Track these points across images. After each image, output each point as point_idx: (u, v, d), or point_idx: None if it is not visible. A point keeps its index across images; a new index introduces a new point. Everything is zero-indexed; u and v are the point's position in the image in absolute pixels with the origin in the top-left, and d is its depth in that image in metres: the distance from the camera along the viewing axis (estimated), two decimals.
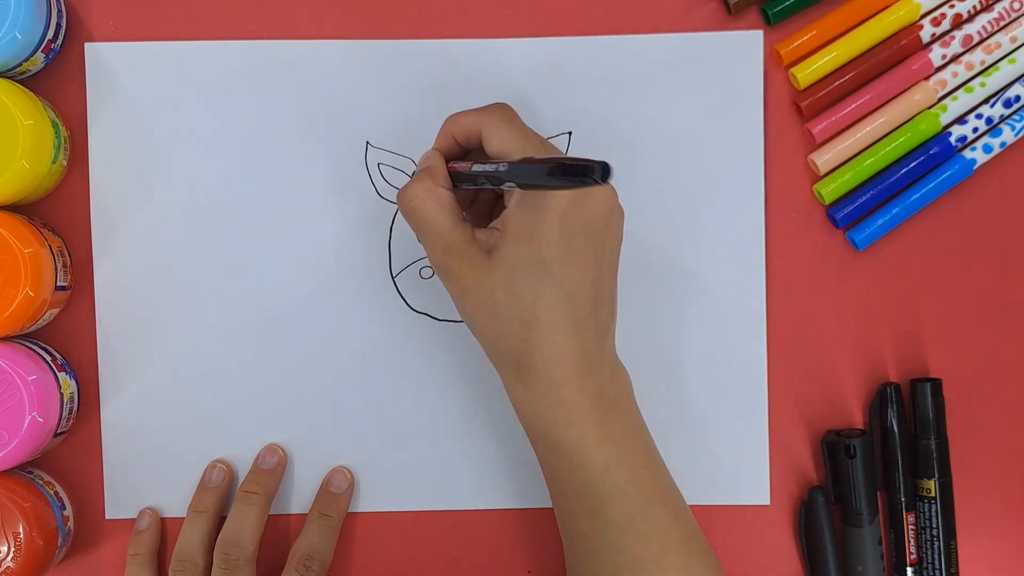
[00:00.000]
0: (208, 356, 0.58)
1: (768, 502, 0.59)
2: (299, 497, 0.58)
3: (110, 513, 0.58)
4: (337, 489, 0.57)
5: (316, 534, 0.56)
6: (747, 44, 0.58)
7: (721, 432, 0.58)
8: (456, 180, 0.51)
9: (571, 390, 0.49)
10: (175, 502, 0.58)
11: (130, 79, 0.57)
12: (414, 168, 0.58)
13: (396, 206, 0.58)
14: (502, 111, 0.51)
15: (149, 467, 0.58)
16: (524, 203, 0.50)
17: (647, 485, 0.50)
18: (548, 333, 0.49)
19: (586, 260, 0.49)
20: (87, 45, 0.57)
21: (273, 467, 0.57)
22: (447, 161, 0.52)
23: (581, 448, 0.50)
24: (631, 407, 0.52)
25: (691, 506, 0.53)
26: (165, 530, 0.58)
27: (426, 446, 0.58)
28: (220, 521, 0.57)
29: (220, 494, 0.57)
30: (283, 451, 0.58)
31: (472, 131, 0.51)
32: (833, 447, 0.57)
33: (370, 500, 0.58)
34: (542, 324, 0.49)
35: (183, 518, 0.57)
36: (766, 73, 0.58)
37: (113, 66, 0.57)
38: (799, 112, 0.59)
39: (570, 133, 0.58)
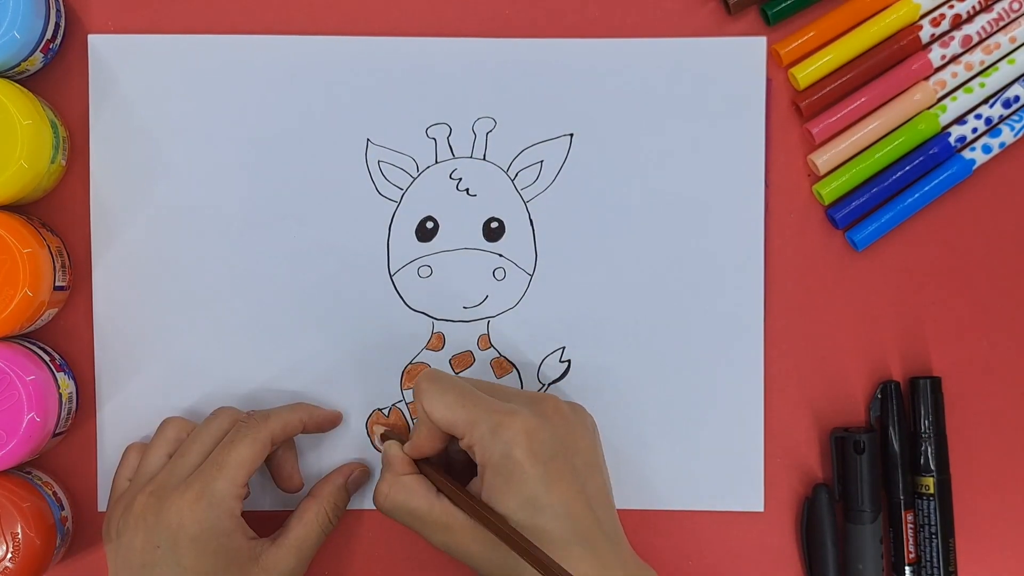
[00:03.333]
0: (206, 355, 0.58)
1: (762, 508, 0.59)
2: (297, 494, 0.58)
3: (103, 507, 0.57)
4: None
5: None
6: (750, 50, 0.58)
7: (716, 436, 0.58)
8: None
9: None
10: None
11: (131, 72, 0.57)
12: (414, 166, 0.58)
13: (396, 203, 0.58)
14: (428, 376, 0.52)
15: None
16: (488, 457, 0.50)
17: None
18: (562, 560, 0.48)
19: (565, 476, 0.50)
20: (90, 37, 0.57)
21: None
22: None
23: None
24: None
25: (684, 512, 0.52)
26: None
27: None
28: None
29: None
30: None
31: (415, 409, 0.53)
32: (842, 442, 0.57)
33: (370, 500, 0.58)
34: (553, 555, 0.49)
35: None
36: (766, 73, 0.58)
37: (115, 60, 0.57)
38: (799, 112, 0.59)
39: (571, 135, 0.58)
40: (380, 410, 0.58)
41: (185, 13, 0.58)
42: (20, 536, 0.52)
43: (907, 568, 0.58)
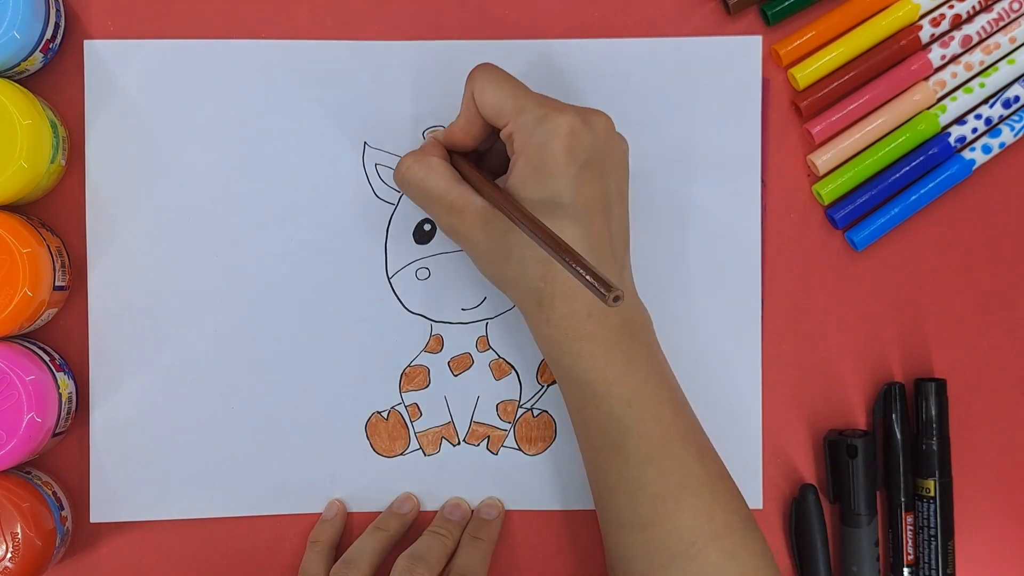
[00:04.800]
0: (203, 357, 0.58)
1: (760, 506, 0.59)
2: (282, 495, 0.58)
3: (94, 516, 0.57)
4: (488, 515, 0.57)
5: (469, 555, 0.55)
6: (746, 49, 0.58)
7: (715, 435, 0.58)
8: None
9: (593, 322, 0.50)
10: (163, 505, 0.57)
11: (128, 77, 0.57)
12: None
13: (393, 206, 0.58)
14: (487, 68, 0.52)
15: (141, 468, 0.57)
16: (526, 144, 0.50)
17: (669, 421, 0.51)
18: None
19: (595, 188, 0.50)
20: (86, 43, 0.57)
21: (405, 512, 0.57)
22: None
23: (604, 382, 0.50)
24: (652, 342, 0.52)
25: None
26: (351, 524, 0.58)
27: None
28: (395, 547, 0.56)
29: (404, 521, 0.57)
30: (416, 500, 0.58)
31: (467, 103, 0.52)
32: (835, 446, 0.57)
33: (371, 500, 0.58)
34: None
35: (177, 520, 0.57)
36: (765, 73, 0.58)
37: (111, 64, 0.57)
38: (798, 112, 0.58)
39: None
40: (379, 412, 0.58)
41: (184, 13, 0.58)
42: (20, 536, 0.52)
43: (905, 569, 0.57)
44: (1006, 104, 0.58)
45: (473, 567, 0.55)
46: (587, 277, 0.43)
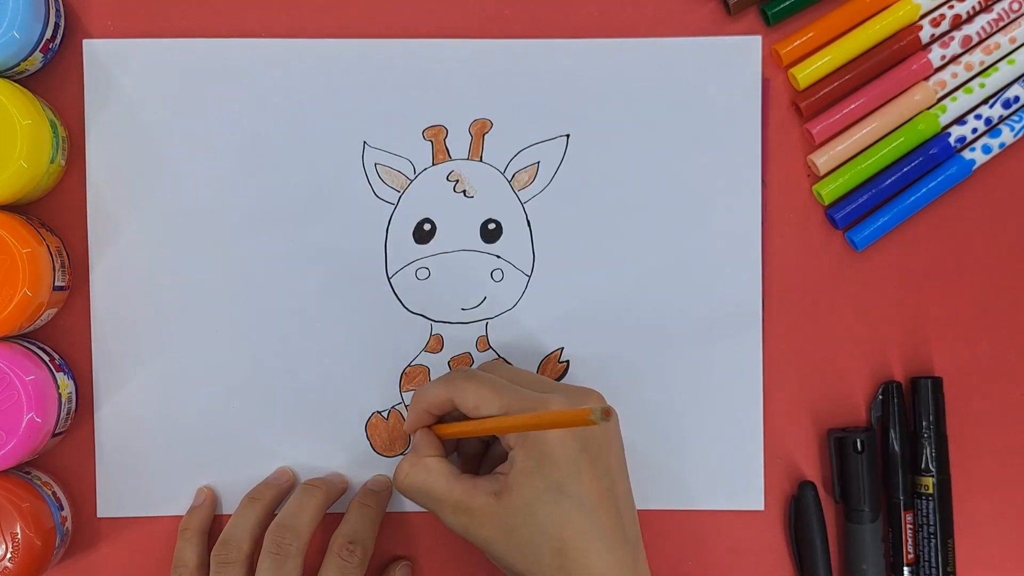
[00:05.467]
0: (204, 356, 0.58)
1: (762, 507, 0.59)
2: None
3: (101, 511, 0.58)
4: (376, 487, 0.57)
5: (357, 520, 0.55)
6: (746, 49, 0.58)
7: (716, 437, 0.58)
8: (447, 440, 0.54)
9: None
10: (168, 502, 0.58)
11: (128, 77, 0.57)
12: (411, 168, 0.58)
13: (393, 206, 0.58)
14: (463, 374, 0.53)
15: (143, 466, 0.58)
16: (522, 438, 0.50)
17: None
18: (580, 554, 0.49)
19: (597, 470, 0.50)
20: (85, 42, 0.57)
21: (281, 483, 0.57)
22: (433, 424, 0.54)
23: None
24: None
25: (684, 511, 0.52)
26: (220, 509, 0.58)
27: None
28: (272, 517, 0.56)
29: (279, 491, 0.57)
30: (292, 472, 0.58)
31: (442, 401, 0.53)
32: (841, 443, 0.57)
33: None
34: (572, 546, 0.49)
35: (179, 517, 0.57)
36: (765, 73, 0.58)
37: (111, 64, 0.57)
38: (798, 112, 0.58)
39: (568, 136, 0.58)
40: (379, 412, 0.58)
41: (184, 12, 0.58)
42: (19, 536, 0.52)
43: (905, 568, 0.57)
44: (1006, 104, 0.58)
45: (362, 532, 0.55)
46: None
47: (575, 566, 0.49)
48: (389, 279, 0.58)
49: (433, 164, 0.58)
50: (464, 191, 0.58)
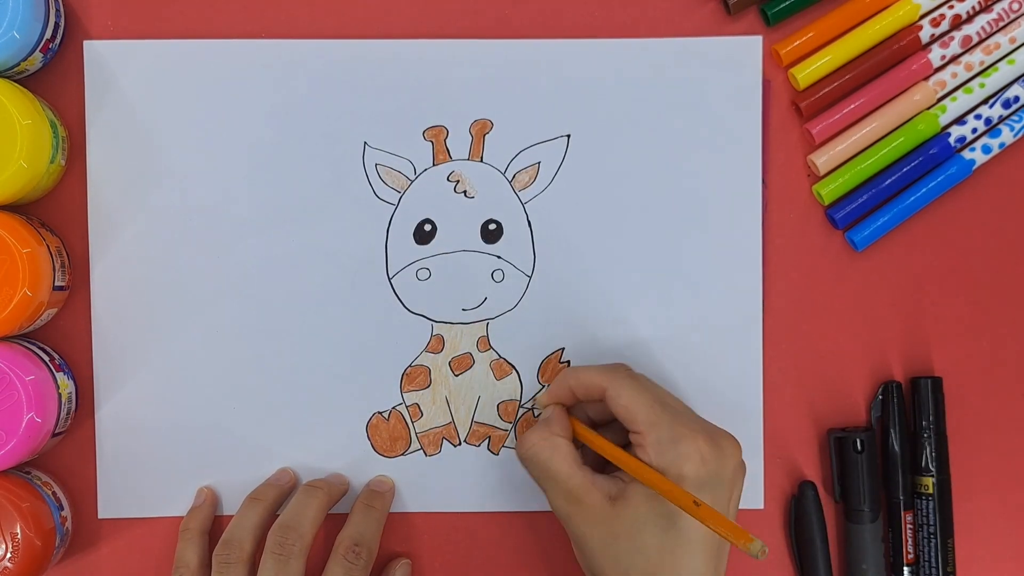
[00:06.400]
0: (204, 356, 0.58)
1: (762, 506, 0.59)
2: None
3: (102, 512, 0.58)
4: (379, 487, 0.57)
5: (362, 522, 0.55)
6: (746, 49, 0.58)
7: None
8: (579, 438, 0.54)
9: None
10: (169, 502, 0.58)
11: (128, 77, 0.57)
12: (412, 169, 0.58)
13: (393, 206, 0.58)
14: (627, 371, 0.53)
15: (143, 467, 0.58)
16: (654, 463, 0.51)
17: None
18: None
19: (718, 511, 0.50)
20: (85, 43, 0.57)
21: (283, 483, 0.57)
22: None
23: None
24: None
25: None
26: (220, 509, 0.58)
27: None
28: (275, 518, 0.56)
29: (281, 491, 0.57)
30: (293, 473, 0.58)
31: (593, 387, 0.53)
32: (841, 442, 0.58)
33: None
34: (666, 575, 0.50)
35: (179, 517, 0.57)
36: (765, 73, 0.58)
37: (111, 65, 0.57)
38: (798, 112, 0.59)
39: (568, 136, 0.58)
40: (380, 413, 0.58)
41: (184, 13, 0.58)
42: (19, 536, 0.52)
43: (905, 568, 0.58)
44: (1006, 104, 0.58)
45: (367, 534, 0.55)
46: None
47: None
48: (390, 279, 0.58)
49: (434, 164, 0.58)
50: (465, 192, 0.58)
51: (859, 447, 0.57)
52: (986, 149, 0.58)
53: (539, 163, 0.58)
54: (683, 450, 0.50)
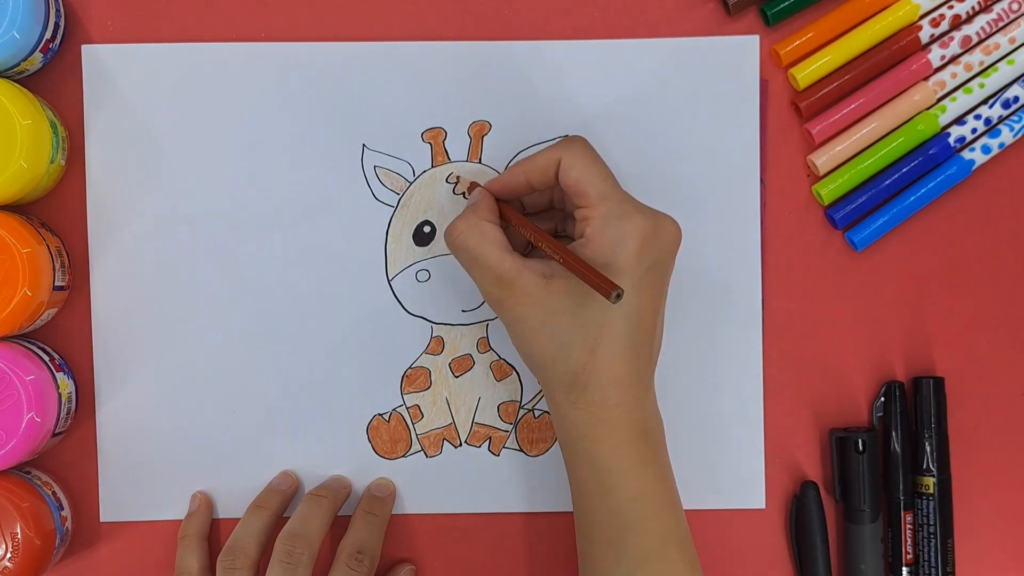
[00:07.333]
0: (204, 357, 0.58)
1: (763, 505, 0.59)
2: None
3: (104, 516, 0.58)
4: (380, 492, 0.58)
5: (364, 529, 0.56)
6: (745, 49, 0.58)
7: (717, 436, 0.58)
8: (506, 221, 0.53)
9: (620, 412, 0.50)
10: (170, 505, 0.58)
11: (127, 81, 0.57)
12: (411, 171, 0.58)
13: (393, 208, 0.58)
14: (583, 143, 0.52)
15: (144, 469, 0.58)
16: (598, 235, 0.50)
17: (669, 526, 0.51)
18: (608, 357, 0.50)
19: (654, 291, 0.51)
20: (84, 47, 0.57)
21: (284, 488, 0.57)
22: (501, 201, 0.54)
23: (618, 471, 0.50)
24: (664, 448, 0.53)
25: (685, 510, 0.53)
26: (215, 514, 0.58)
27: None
28: (279, 524, 0.56)
29: (285, 497, 0.57)
30: (295, 476, 0.58)
31: (550, 165, 0.52)
32: (843, 443, 0.57)
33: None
34: (604, 348, 0.50)
35: (179, 521, 0.57)
36: (765, 73, 0.58)
37: (110, 68, 0.57)
38: (798, 112, 0.59)
39: (567, 136, 0.58)
40: (380, 415, 0.58)
41: (184, 13, 0.58)
42: (19, 536, 0.52)
43: (904, 569, 0.57)
44: (1006, 104, 0.58)
45: (370, 541, 0.55)
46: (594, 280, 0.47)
47: (600, 366, 0.50)
48: (389, 281, 0.58)
49: (432, 166, 0.58)
50: (463, 193, 0.58)
51: (861, 447, 0.57)
52: (986, 149, 0.58)
53: None
54: (627, 226, 0.50)
